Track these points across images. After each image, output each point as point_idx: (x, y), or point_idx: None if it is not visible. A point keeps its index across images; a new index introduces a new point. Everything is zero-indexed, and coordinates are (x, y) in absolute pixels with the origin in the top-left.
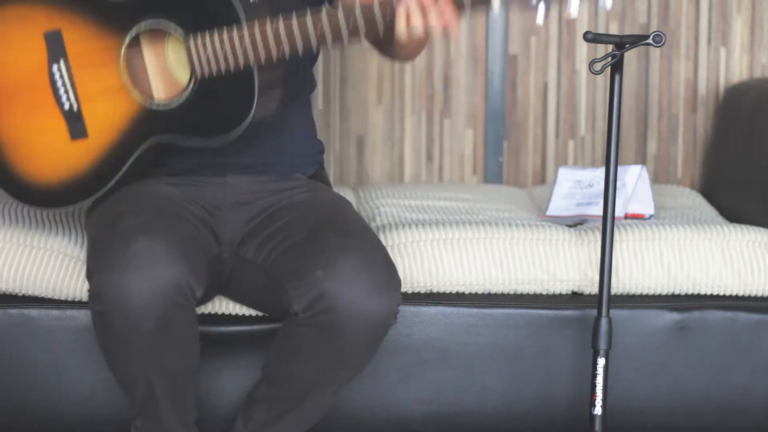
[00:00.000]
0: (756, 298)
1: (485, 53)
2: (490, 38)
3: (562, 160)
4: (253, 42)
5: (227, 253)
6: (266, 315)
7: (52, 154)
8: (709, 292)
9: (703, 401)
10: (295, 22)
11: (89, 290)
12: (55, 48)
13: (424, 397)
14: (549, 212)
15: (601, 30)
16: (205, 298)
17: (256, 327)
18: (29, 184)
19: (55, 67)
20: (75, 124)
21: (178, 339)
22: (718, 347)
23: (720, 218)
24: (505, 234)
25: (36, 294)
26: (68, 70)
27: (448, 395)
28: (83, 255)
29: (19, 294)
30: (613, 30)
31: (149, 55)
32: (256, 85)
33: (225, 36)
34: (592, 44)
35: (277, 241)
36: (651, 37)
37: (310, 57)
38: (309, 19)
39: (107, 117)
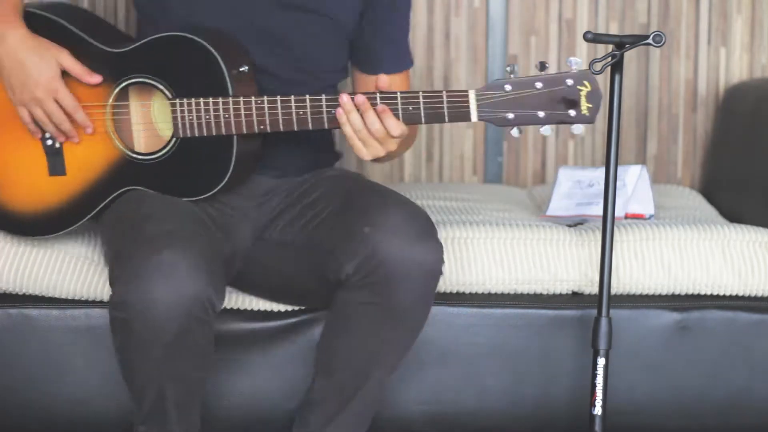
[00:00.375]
0: (756, 298)
1: (485, 53)
2: (490, 38)
3: (562, 160)
4: (237, 116)
5: (241, 253)
6: (280, 311)
7: (30, 187)
8: (709, 292)
9: (703, 401)
10: (278, 104)
11: (112, 297)
12: None
13: (424, 397)
14: (549, 212)
15: (601, 30)
16: None
17: (272, 324)
18: (5, 210)
19: None
20: (54, 160)
21: (195, 351)
22: (718, 347)
23: (720, 218)
24: (506, 234)
25: (36, 293)
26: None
27: (448, 395)
28: (84, 252)
29: (20, 293)
30: (613, 30)
31: (136, 107)
32: (233, 156)
33: (210, 104)
34: (592, 44)
35: (314, 214)
36: (651, 37)
37: (341, 71)
38: (292, 104)
39: (87, 159)
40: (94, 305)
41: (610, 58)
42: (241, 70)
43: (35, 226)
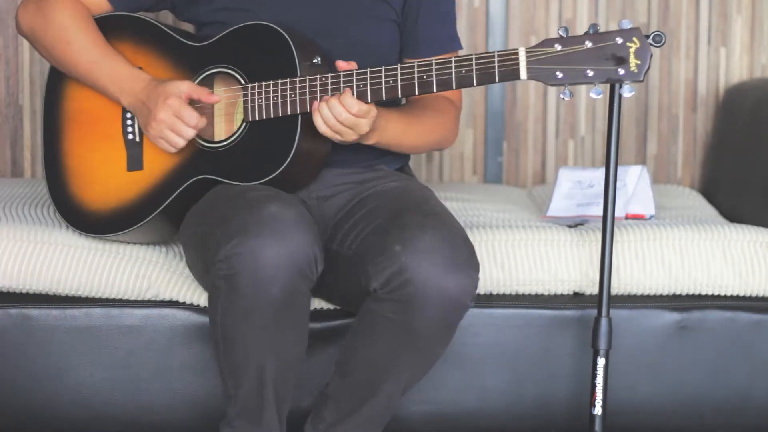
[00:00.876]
0: (756, 298)
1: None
2: (490, 38)
3: (562, 161)
4: (303, 93)
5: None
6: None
7: (108, 184)
8: (709, 292)
9: (703, 401)
10: (341, 80)
11: (218, 259)
12: None
13: (424, 397)
14: (549, 213)
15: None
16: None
17: (334, 323)
18: (84, 211)
19: None
20: (134, 155)
21: (298, 318)
22: (718, 347)
23: (720, 218)
24: (506, 236)
25: (37, 290)
26: None
27: (448, 395)
28: (86, 243)
29: (21, 292)
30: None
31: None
32: (297, 136)
33: (279, 85)
34: None
35: (361, 228)
36: (651, 37)
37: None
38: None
39: (162, 152)
40: (95, 305)
41: None
42: (314, 61)
43: (110, 223)
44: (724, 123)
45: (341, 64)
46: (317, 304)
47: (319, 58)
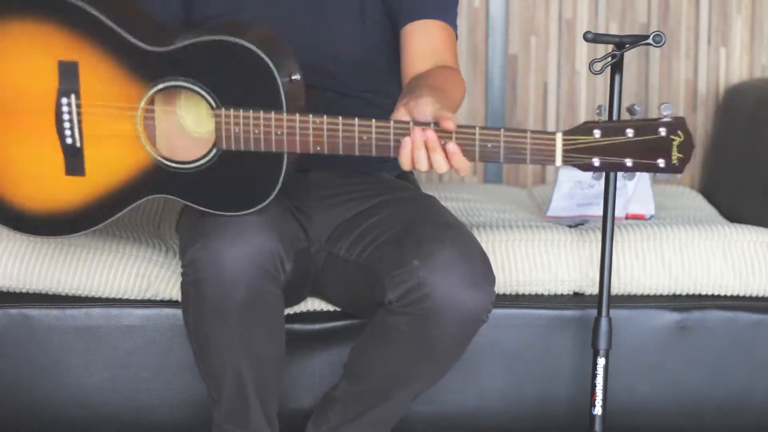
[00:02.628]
0: (756, 298)
1: (485, 53)
2: (490, 38)
3: None
4: (291, 134)
5: (315, 248)
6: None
7: (43, 185)
8: (709, 292)
9: (703, 401)
10: (340, 126)
11: (183, 264)
12: (68, 80)
13: (424, 397)
14: (550, 213)
15: (601, 30)
16: (300, 297)
17: (333, 324)
18: (17, 209)
19: (64, 100)
20: (73, 160)
21: (266, 315)
22: (718, 347)
23: (720, 218)
24: (506, 236)
25: (37, 290)
26: (78, 106)
27: (448, 395)
28: (86, 243)
29: (21, 291)
30: (613, 30)
31: (168, 112)
32: (282, 173)
33: (261, 119)
34: (592, 44)
35: (373, 236)
36: (651, 37)
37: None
38: (354, 125)
39: (111, 162)
40: (95, 305)
41: (610, 58)
42: (293, 78)
43: (49, 225)
44: (724, 123)
45: (448, 125)
46: (317, 305)
47: (299, 75)
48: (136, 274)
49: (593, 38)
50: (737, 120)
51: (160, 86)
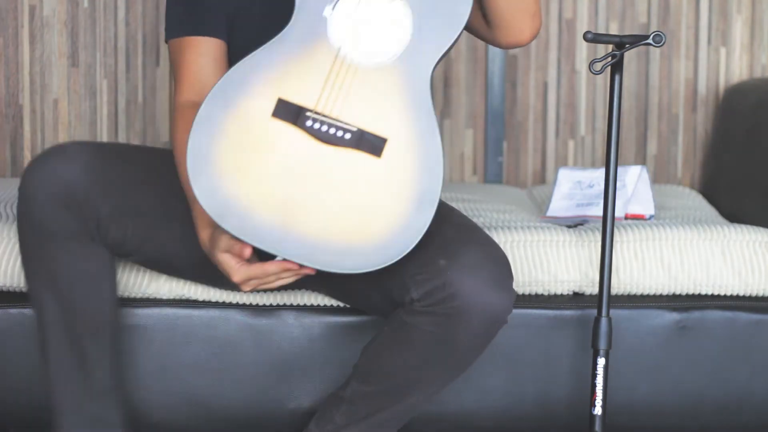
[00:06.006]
0: (756, 298)
1: (485, 53)
2: None
3: (562, 161)
4: None
5: None
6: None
7: None
8: (709, 292)
9: (703, 401)
10: None
11: None
12: None
13: None
14: (549, 213)
15: (601, 30)
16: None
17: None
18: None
19: None
20: None
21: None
22: (718, 347)
23: (720, 218)
24: (506, 237)
25: None
26: None
27: (448, 395)
28: None
29: (21, 291)
30: (613, 30)
31: None
32: None
33: None
34: (592, 44)
35: None
36: (651, 37)
37: None
38: None
39: None
40: None
41: (610, 58)
42: None
43: None
44: (724, 123)
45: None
46: (320, 300)
47: None
48: (136, 272)
49: (593, 38)
50: (737, 120)
51: None
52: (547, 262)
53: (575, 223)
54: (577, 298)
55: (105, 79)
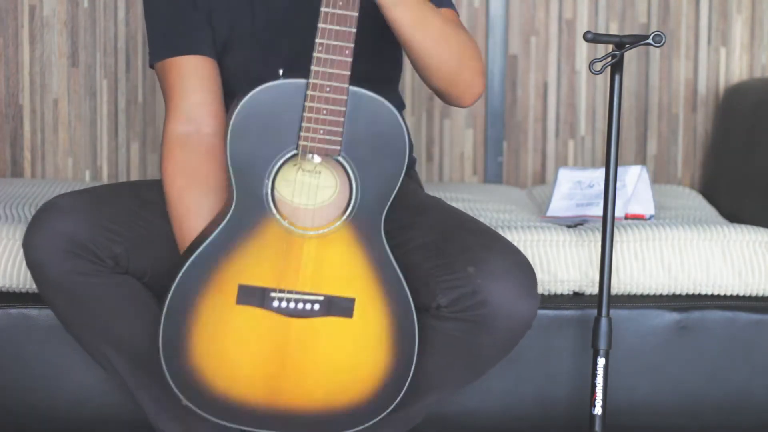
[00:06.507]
0: (756, 298)
1: (485, 53)
2: (490, 38)
3: (562, 161)
4: None
5: None
6: None
7: None
8: (709, 292)
9: (703, 401)
10: None
11: None
12: None
13: None
14: (549, 213)
15: (601, 30)
16: None
17: None
18: None
19: None
20: None
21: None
22: (718, 347)
23: (720, 218)
24: (506, 236)
25: (37, 290)
26: None
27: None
28: None
29: (21, 291)
30: (613, 30)
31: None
32: None
33: None
34: (592, 44)
35: (404, 240)
36: (651, 37)
37: (396, 78)
38: None
39: None
40: None
41: (610, 58)
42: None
43: None
44: (724, 123)
45: None
46: None
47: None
48: None
49: (593, 38)
50: (737, 120)
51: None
52: (547, 262)
53: (575, 223)
54: (577, 298)
55: (105, 79)
